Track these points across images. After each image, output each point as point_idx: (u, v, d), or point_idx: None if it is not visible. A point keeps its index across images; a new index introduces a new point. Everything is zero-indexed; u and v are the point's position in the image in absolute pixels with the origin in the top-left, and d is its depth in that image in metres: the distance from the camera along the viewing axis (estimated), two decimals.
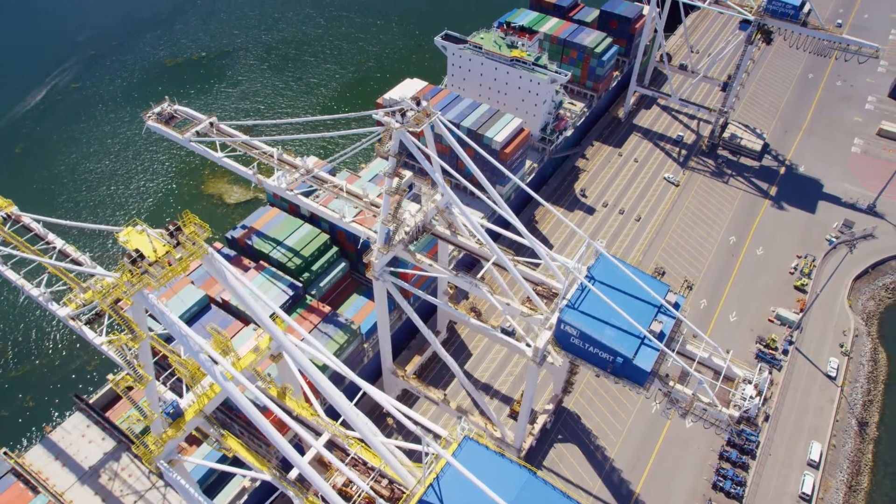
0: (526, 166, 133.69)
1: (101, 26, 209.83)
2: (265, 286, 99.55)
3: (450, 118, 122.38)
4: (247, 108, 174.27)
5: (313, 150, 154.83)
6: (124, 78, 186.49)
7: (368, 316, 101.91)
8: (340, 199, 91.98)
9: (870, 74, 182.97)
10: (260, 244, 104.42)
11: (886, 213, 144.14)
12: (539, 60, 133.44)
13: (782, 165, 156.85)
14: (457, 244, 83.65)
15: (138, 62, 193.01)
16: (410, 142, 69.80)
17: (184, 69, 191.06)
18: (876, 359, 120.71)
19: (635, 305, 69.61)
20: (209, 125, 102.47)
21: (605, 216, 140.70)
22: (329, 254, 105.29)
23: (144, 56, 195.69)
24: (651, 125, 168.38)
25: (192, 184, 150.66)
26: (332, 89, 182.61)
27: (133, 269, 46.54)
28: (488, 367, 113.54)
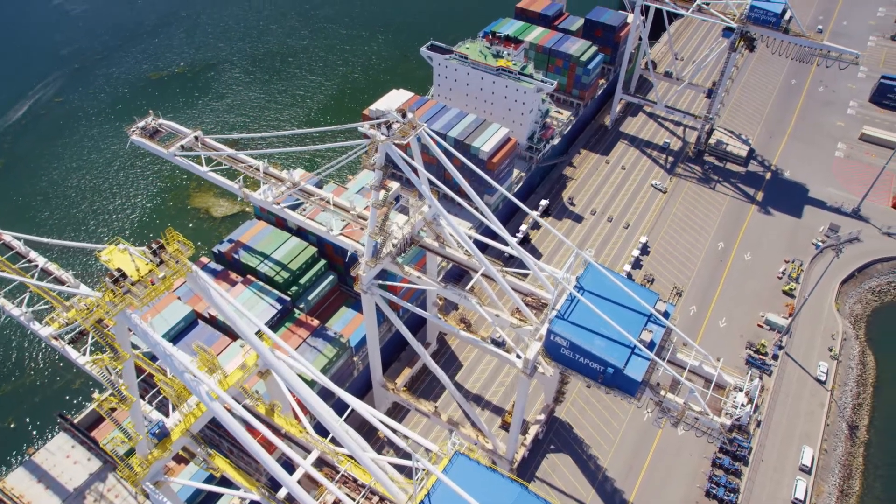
0: (514, 175, 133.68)
1: (84, 40, 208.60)
2: (253, 300, 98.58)
3: (436, 129, 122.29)
4: (232, 121, 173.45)
5: (300, 162, 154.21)
6: (108, 92, 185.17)
7: (357, 329, 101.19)
8: (327, 212, 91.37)
9: (851, 80, 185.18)
10: (247, 258, 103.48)
11: (871, 217, 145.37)
12: (525, 69, 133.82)
13: (768, 171, 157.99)
14: (445, 256, 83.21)
15: (123, 76, 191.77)
16: (397, 154, 69.42)
17: (168, 82, 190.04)
18: (864, 362, 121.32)
19: (625, 315, 69.33)
20: (194, 139, 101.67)
21: (593, 224, 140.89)
22: (317, 267, 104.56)
23: (129, 69, 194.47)
24: (637, 132, 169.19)
25: (178, 198, 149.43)
26: (318, 101, 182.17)
27: (115, 288, 45.69)
28: (479, 378, 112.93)
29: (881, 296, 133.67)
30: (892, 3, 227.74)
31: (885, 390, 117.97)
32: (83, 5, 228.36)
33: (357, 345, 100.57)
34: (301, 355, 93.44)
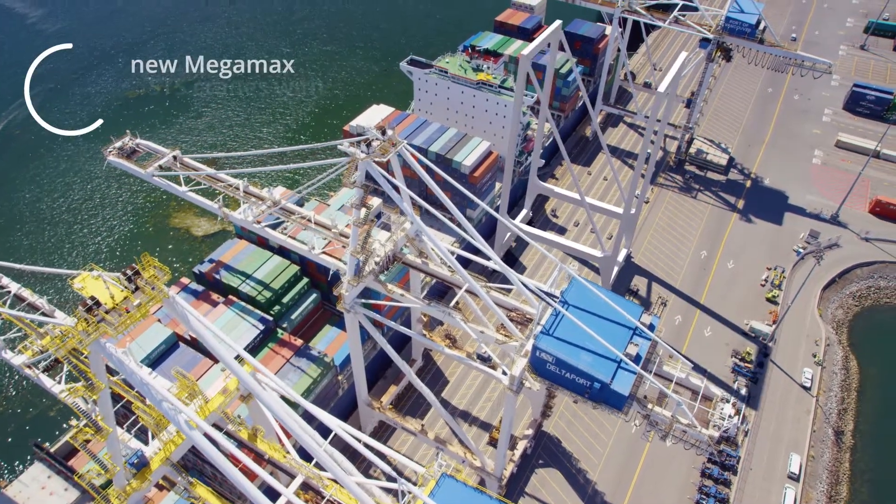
0: (496, 188, 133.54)
1: (60, 58, 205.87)
2: (235, 321, 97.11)
3: (418, 143, 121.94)
4: (212, 139, 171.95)
5: (281, 179, 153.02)
6: (85, 110, 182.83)
7: (341, 347, 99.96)
8: (309, 231, 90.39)
9: (825, 88, 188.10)
10: (228, 278, 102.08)
11: (849, 223, 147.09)
12: (505, 83, 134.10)
13: (748, 179, 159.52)
14: (428, 272, 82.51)
15: (100, 94, 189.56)
16: (377, 172, 68.80)
17: (147, 101, 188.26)
18: (848, 367, 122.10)
19: (610, 329, 68.97)
20: (172, 159, 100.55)
21: (576, 235, 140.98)
22: (299, 285, 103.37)
23: (106, 88, 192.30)
24: (618, 143, 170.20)
25: (157, 218, 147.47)
26: (298, 118, 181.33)
27: (89, 317, 44.42)
28: (466, 394, 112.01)
29: (862, 300, 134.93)
30: (859, 15, 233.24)
31: (869, 394, 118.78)
32: (58, 24, 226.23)
33: (341, 363, 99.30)
34: (285, 376, 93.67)
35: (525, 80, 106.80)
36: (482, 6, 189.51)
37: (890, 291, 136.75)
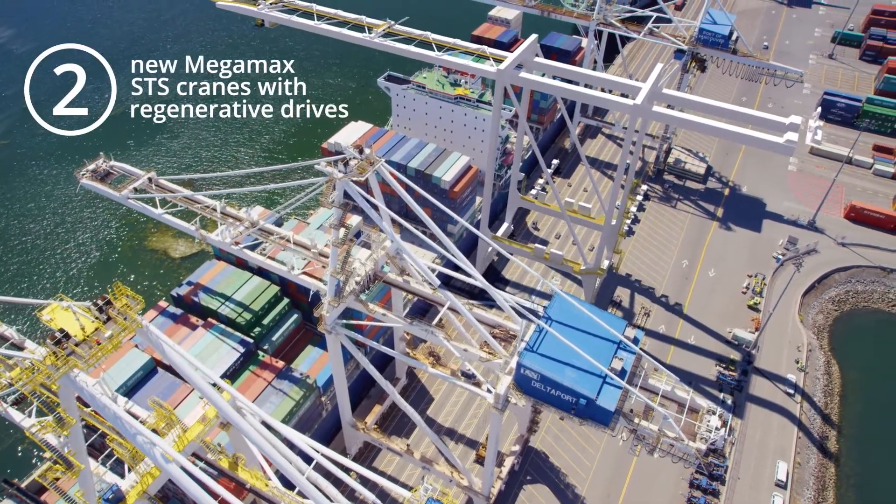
0: (476, 203, 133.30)
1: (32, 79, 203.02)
2: (214, 345, 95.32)
3: (397, 160, 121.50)
4: (188, 159, 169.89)
5: (259, 199, 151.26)
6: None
7: (324, 368, 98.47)
8: (288, 251, 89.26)
9: (797, 97, 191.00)
10: (207, 300, 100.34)
11: (826, 228, 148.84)
12: (483, 97, 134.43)
13: (726, 187, 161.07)
14: (410, 291, 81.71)
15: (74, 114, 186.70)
16: (355, 192, 68.02)
17: (122, 121, 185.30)
18: (830, 371, 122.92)
19: (594, 344, 68.63)
20: (147, 181, 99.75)
21: (558, 248, 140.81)
22: (280, 306, 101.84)
23: None
24: (598, 154, 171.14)
25: (134, 240, 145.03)
26: (275, 136, 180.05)
27: (57, 350, 42.92)
28: (451, 411, 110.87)
29: (841, 305, 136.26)
30: (826, 25, 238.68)
31: (850, 398, 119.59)
32: (28, 44, 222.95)
33: (324, 384, 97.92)
34: (267, 399, 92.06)
35: (503, 95, 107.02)
36: (459, 21, 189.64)
37: (867, 295, 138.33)
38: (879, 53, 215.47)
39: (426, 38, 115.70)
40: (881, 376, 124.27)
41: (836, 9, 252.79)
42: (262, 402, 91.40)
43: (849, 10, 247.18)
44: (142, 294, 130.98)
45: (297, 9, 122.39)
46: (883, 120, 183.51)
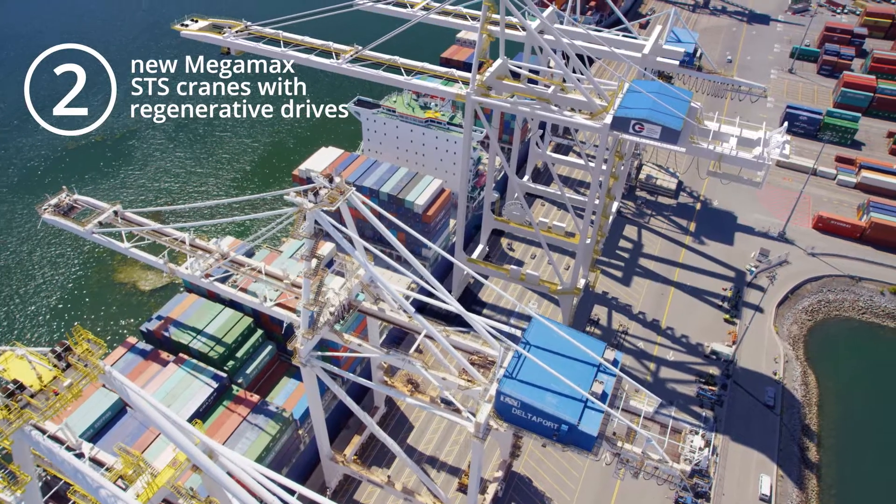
0: (450, 226, 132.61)
1: None
2: (186, 381, 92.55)
3: (369, 185, 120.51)
4: (156, 190, 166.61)
5: (229, 228, 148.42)
6: (21, 164, 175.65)
7: (301, 400, 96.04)
8: (260, 282, 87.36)
9: (761, 111, 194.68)
10: (178, 335, 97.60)
11: (795, 239, 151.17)
12: (454, 119, 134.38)
13: (697, 201, 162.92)
14: (385, 319, 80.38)
15: (36, 146, 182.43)
16: (326, 222, 66.75)
17: (86, 152, 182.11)
18: (807, 382, 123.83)
19: (574, 367, 67.86)
20: (113, 214, 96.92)
21: (533, 269, 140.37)
22: (254, 338, 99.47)
23: (43, 139, 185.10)
24: (569, 173, 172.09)
25: (100, 274, 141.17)
26: (245, 163, 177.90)
27: (11, 403, 40.67)
28: (432, 438, 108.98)
29: (814, 314, 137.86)
30: (784, 41, 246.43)
31: (827, 408, 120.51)
32: None
33: (301, 417, 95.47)
34: (242, 435, 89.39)
35: (473, 117, 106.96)
36: (427, 43, 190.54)
37: (839, 304, 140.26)
38: (835, 68, 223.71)
39: (394, 63, 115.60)
40: (856, 384, 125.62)
41: (792, 25, 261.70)
42: (238, 439, 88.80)
43: (804, 27, 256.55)
44: (110, 330, 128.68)
45: (263, 36, 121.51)
46: (843, 132, 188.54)
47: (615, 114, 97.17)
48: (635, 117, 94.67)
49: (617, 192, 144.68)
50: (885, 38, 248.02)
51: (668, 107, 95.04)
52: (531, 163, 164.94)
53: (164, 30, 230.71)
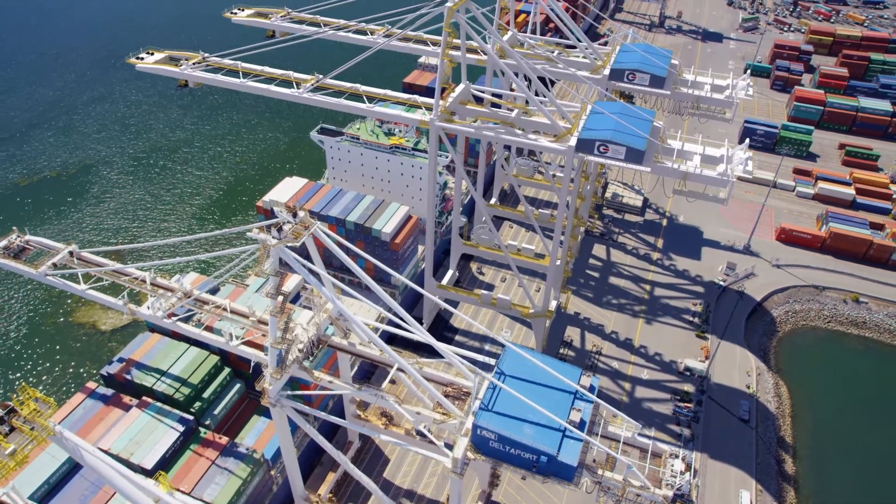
0: (419, 252, 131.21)
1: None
2: (150, 426, 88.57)
3: (334, 214, 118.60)
4: (115, 227, 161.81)
5: (193, 264, 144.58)
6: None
7: (272, 439, 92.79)
8: (225, 320, 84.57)
9: (721, 125, 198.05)
10: (141, 377, 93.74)
11: (760, 252, 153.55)
12: (418, 145, 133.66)
13: (664, 218, 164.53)
14: (356, 354, 78.36)
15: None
16: (291, 258, 64.73)
17: (40, 189, 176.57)
18: (779, 393, 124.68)
19: (551, 396, 66.61)
20: (68, 255, 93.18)
21: (504, 292, 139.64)
22: (221, 377, 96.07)
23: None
24: (536, 194, 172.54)
25: (57, 316, 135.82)
26: (208, 196, 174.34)
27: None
28: (409, 471, 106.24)
29: (782, 325, 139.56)
30: (737, 58, 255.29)
31: (801, 418, 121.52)
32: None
33: (273, 457, 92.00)
34: (211, 480, 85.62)
35: (437, 142, 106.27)
36: (389, 69, 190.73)
37: (805, 314, 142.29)
38: (787, 83, 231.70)
39: (356, 91, 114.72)
40: (826, 393, 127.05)
41: (744, 43, 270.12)
42: (206, 485, 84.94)
43: (755, 44, 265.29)
44: (68, 377, 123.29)
45: (221, 67, 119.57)
46: (798, 145, 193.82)
47: (579, 135, 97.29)
48: (600, 139, 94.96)
49: (584, 213, 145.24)
50: (828, 55, 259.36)
51: (632, 127, 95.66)
52: (497, 185, 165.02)
53: (118, 63, 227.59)
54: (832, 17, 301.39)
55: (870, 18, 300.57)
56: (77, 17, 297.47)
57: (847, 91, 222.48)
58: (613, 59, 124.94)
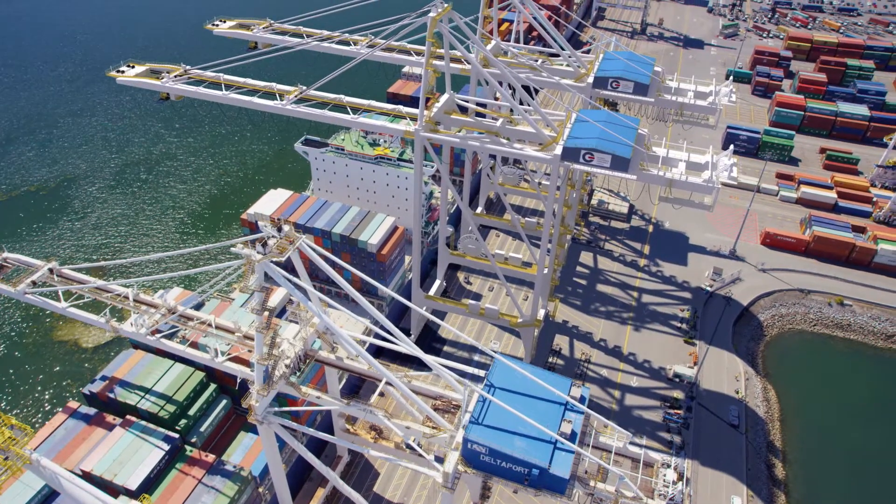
0: (406, 263, 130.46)
1: None
2: (135, 445, 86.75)
3: (320, 226, 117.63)
4: (97, 242, 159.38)
5: (177, 278, 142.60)
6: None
7: (259, 455, 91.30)
8: (210, 336, 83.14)
9: (704, 131, 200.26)
10: (125, 395, 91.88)
11: (746, 256, 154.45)
12: (403, 155, 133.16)
13: (649, 224, 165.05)
14: (344, 368, 77.33)
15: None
16: (277, 273, 63.76)
17: (19, 204, 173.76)
18: (767, 398, 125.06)
19: (541, 408, 65.97)
20: (48, 272, 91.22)
21: (491, 301, 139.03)
22: (207, 393, 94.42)
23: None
24: (522, 202, 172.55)
25: (37, 333, 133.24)
26: (191, 210, 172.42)
27: None
28: (399, 484, 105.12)
29: (769, 330, 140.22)
30: (718, 64, 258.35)
31: (789, 421, 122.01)
32: None
33: (261, 473, 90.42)
34: (198, 499, 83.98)
35: (423, 152, 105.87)
36: (373, 79, 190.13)
37: (791, 318, 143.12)
38: (767, 89, 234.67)
39: (340, 102, 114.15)
40: (813, 396, 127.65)
41: (725, 49, 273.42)
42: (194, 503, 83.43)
43: (736, 50, 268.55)
44: (49, 395, 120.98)
45: (203, 80, 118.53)
46: (780, 149, 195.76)
47: (565, 144, 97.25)
48: (585, 147, 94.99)
49: (570, 221, 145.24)
50: (807, 60, 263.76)
51: (617, 135, 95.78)
52: (483, 194, 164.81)
53: (99, 75, 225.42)
54: (809, 23, 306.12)
55: (845, 25, 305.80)
56: (57, 29, 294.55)
57: (826, 96, 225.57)
58: (597, 66, 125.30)
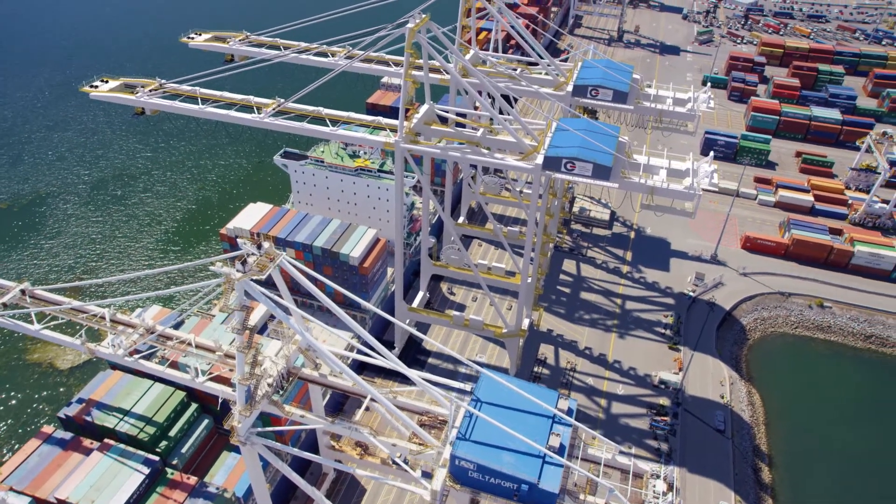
0: (388, 275, 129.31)
1: None
2: (113, 470, 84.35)
3: (301, 240, 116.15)
4: (71, 261, 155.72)
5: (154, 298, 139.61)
6: None
7: (243, 476, 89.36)
8: (190, 356, 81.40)
9: (682, 136, 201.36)
10: (102, 418, 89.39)
11: (727, 260, 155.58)
12: (384, 166, 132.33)
13: (631, 230, 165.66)
14: (328, 385, 75.89)
15: None
16: (257, 292, 62.42)
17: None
18: (752, 402, 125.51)
19: (529, 421, 65.25)
20: (20, 293, 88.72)
21: (475, 312, 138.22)
22: (188, 413, 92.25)
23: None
24: (504, 211, 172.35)
25: (9, 355, 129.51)
26: (169, 225, 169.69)
27: None
28: (386, 501, 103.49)
29: (752, 333, 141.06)
30: (695, 70, 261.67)
31: (774, 425, 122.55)
32: None
33: (245, 494, 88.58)
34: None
35: (403, 163, 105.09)
36: (352, 90, 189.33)
37: (773, 321, 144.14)
38: (743, 94, 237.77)
39: (318, 114, 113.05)
40: (796, 398, 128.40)
41: (700, 55, 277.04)
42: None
43: (711, 56, 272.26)
44: (23, 421, 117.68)
45: (179, 94, 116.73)
46: (757, 154, 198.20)
47: (546, 153, 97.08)
48: (566, 156, 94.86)
49: (553, 229, 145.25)
50: (780, 66, 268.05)
51: (598, 143, 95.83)
52: (465, 204, 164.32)
53: (72, 90, 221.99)
54: (781, 29, 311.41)
55: (814, 31, 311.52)
56: (29, 43, 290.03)
57: (799, 101, 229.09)
58: (576, 75, 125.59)
